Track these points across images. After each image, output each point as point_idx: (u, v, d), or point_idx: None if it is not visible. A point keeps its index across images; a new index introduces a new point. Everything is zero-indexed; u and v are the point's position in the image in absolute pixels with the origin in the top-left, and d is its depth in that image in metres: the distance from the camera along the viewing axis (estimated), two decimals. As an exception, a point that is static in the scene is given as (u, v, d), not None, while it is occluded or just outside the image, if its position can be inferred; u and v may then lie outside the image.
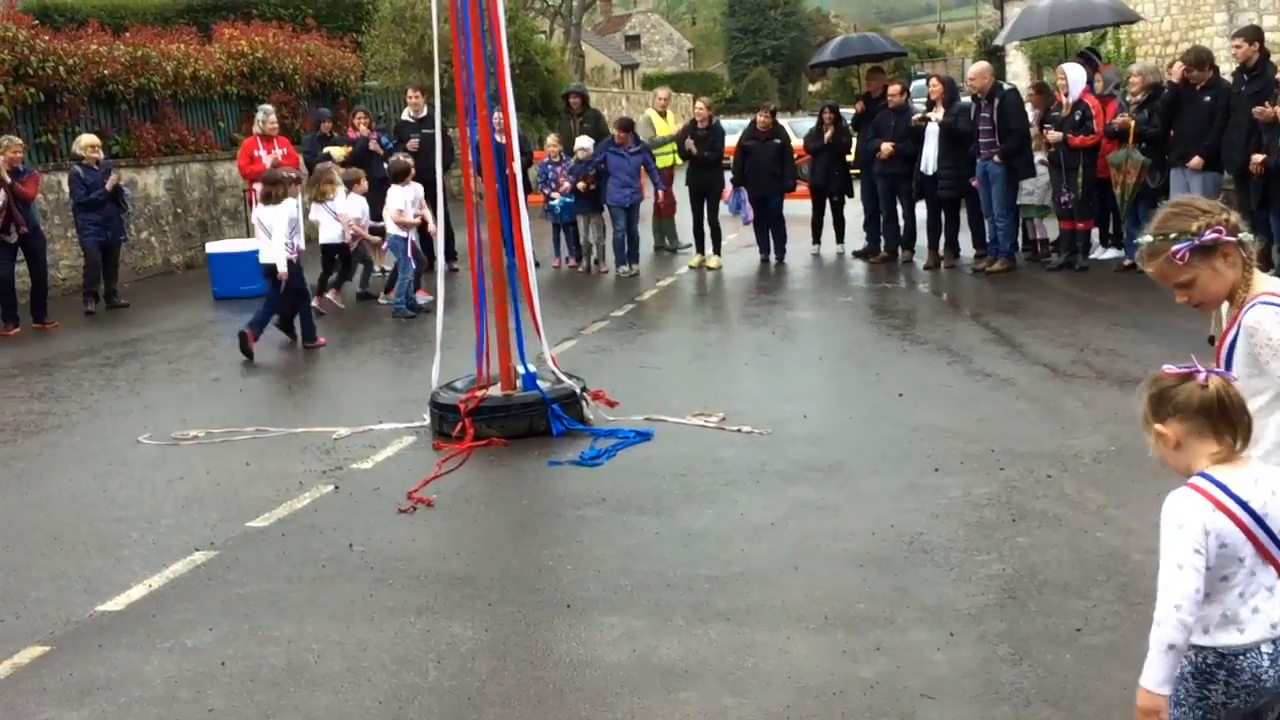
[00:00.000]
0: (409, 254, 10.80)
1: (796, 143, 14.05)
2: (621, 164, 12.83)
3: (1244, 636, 2.42)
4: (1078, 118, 11.15)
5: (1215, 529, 2.39)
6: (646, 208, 13.48)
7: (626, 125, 13.28)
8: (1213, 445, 2.44)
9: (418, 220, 10.97)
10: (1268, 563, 2.42)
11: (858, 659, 3.93)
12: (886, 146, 12.34)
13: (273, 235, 9.43)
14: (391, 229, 10.96)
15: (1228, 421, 2.42)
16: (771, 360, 8.59)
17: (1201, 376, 2.42)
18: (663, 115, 15.27)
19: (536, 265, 7.53)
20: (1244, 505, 2.39)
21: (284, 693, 3.90)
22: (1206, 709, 2.46)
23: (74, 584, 4.91)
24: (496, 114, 8.22)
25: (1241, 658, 2.42)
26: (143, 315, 11.75)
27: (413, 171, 11.24)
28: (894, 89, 12.76)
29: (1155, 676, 2.38)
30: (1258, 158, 9.66)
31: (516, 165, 6.99)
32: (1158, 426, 2.48)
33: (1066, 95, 11.38)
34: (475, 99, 6.84)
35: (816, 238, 13.80)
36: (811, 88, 61.45)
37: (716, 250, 13.38)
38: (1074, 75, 11.37)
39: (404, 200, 10.93)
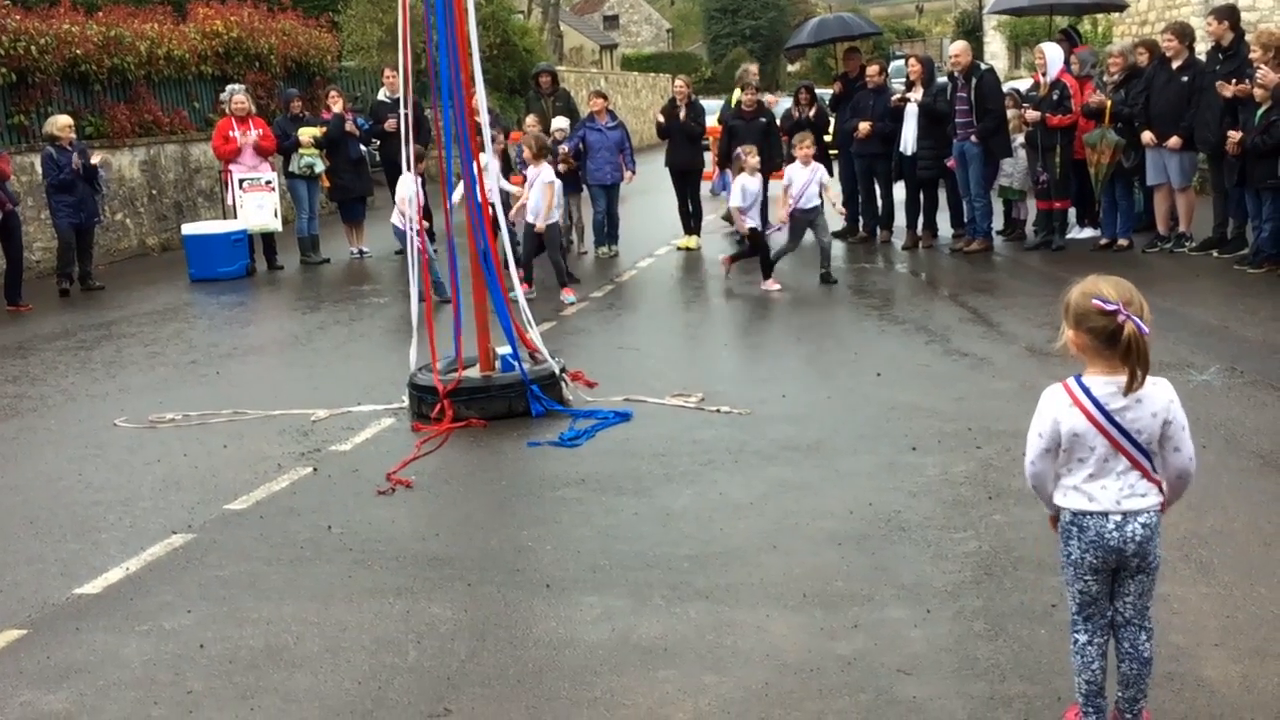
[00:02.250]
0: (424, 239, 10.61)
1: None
2: (600, 140, 12.79)
3: (1092, 505, 3.10)
4: (1055, 97, 11.18)
5: (1067, 421, 3.06)
6: (628, 188, 13.43)
7: (602, 94, 13.20)
8: (1102, 364, 3.00)
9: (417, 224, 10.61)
10: (1120, 454, 3.05)
11: (835, 636, 3.95)
12: (864, 126, 12.35)
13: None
14: (397, 219, 10.79)
15: (1126, 357, 2.94)
16: (750, 340, 8.61)
17: (1120, 318, 2.92)
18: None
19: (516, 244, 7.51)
20: (1099, 406, 3.01)
21: (263, 674, 3.90)
22: (1073, 563, 3.15)
23: (51, 567, 4.88)
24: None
25: (1089, 518, 3.10)
26: (118, 298, 11.66)
27: (422, 163, 11.05)
28: (873, 69, 12.75)
29: (1043, 507, 3.28)
30: (1234, 136, 9.71)
31: (488, 149, 6.95)
32: (1069, 331, 3.03)
33: (1044, 75, 11.41)
34: (455, 79, 6.80)
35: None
36: (791, 68, 61.33)
37: (696, 230, 13.37)
38: (1052, 55, 11.39)
39: (412, 189, 10.68)
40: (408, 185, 10.63)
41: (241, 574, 4.73)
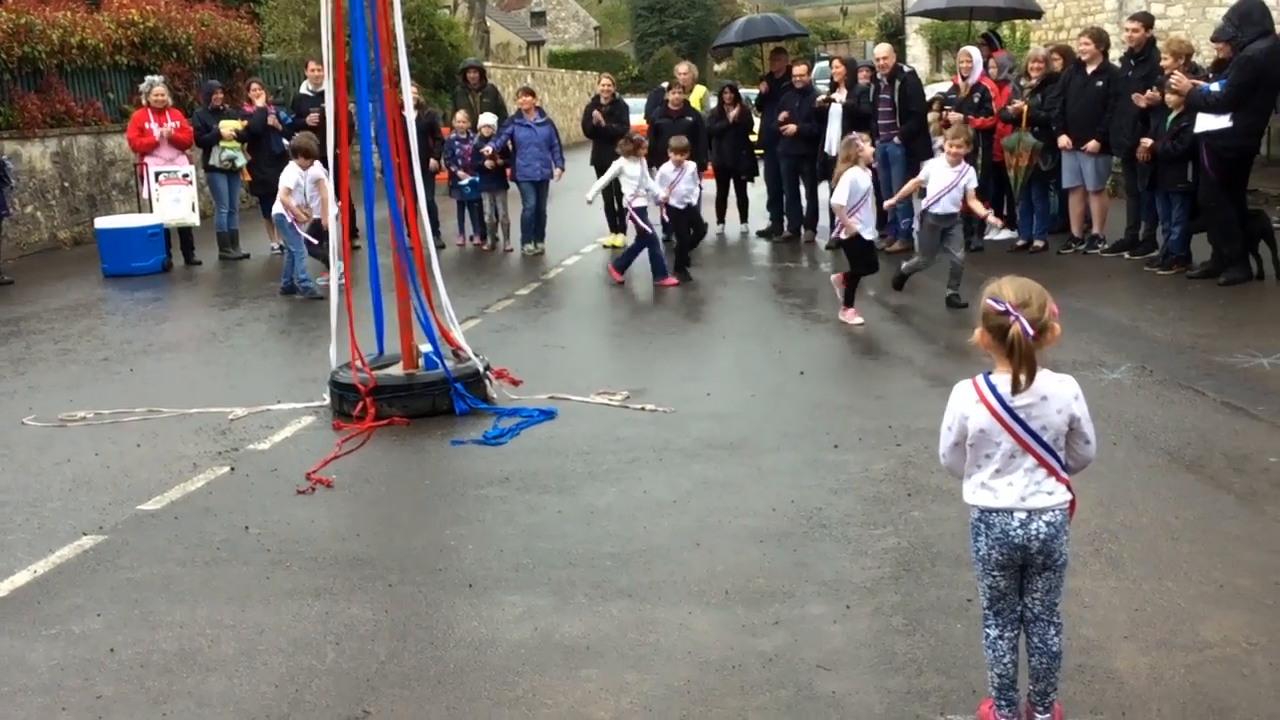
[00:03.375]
0: (300, 233, 10.48)
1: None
2: (530, 137, 12.74)
3: (997, 501, 3.16)
4: (976, 100, 11.38)
5: (973, 417, 3.14)
6: (555, 185, 13.38)
7: (531, 91, 13.19)
8: (1003, 361, 3.09)
9: (307, 214, 10.47)
10: (1026, 451, 3.11)
11: (757, 633, 3.98)
12: (790, 127, 12.44)
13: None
14: (279, 209, 10.64)
15: (1010, 356, 3.04)
16: (676, 339, 8.63)
17: (1010, 319, 3.02)
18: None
19: (441, 248, 7.44)
20: (1003, 403, 3.10)
21: (176, 678, 3.81)
22: (981, 559, 3.23)
23: (-47, 571, 4.73)
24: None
25: (994, 515, 3.17)
26: (27, 293, 11.34)
27: (314, 152, 10.90)
28: (800, 69, 12.86)
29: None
30: (1146, 142, 9.98)
31: (413, 142, 6.87)
32: (978, 329, 3.14)
33: (965, 78, 11.60)
34: (377, 73, 6.72)
35: (721, 217, 13.88)
36: (717, 68, 61.66)
37: (622, 229, 13.37)
38: (977, 58, 11.62)
39: (294, 180, 10.55)
40: (291, 175, 10.50)
41: (154, 576, 4.62)
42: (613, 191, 13.26)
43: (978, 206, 9.09)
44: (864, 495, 5.23)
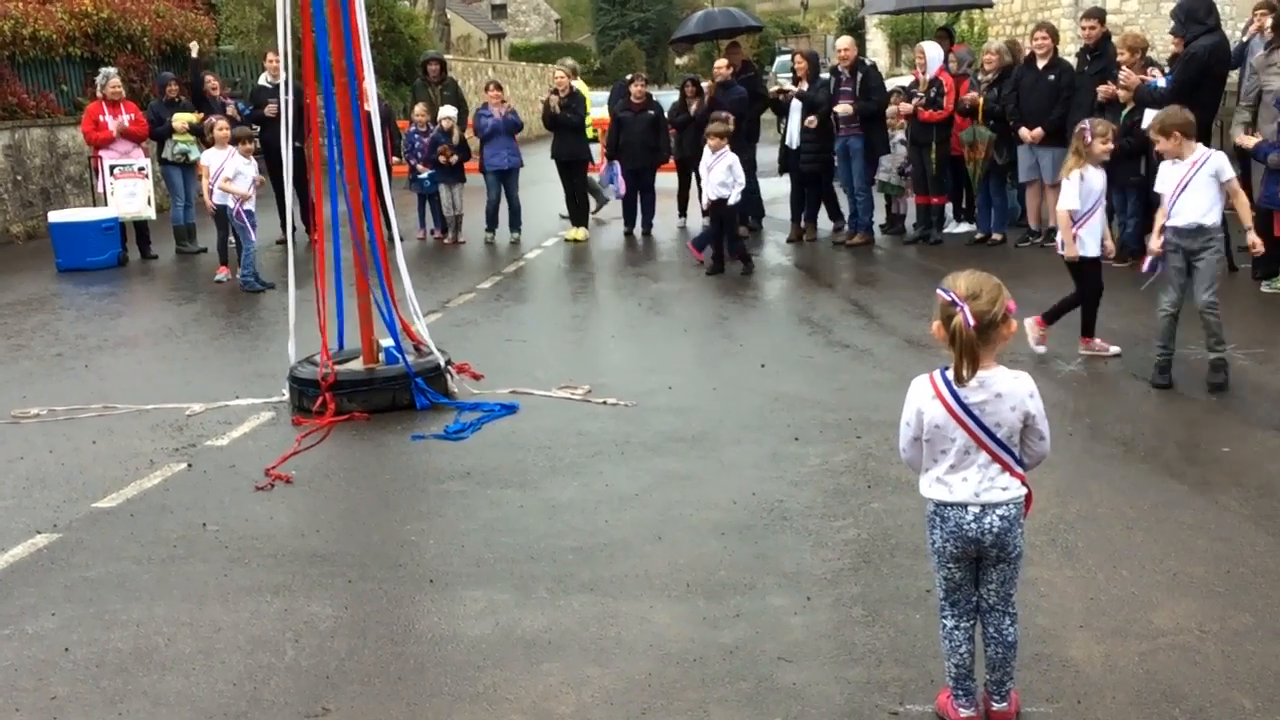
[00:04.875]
0: (248, 225, 10.41)
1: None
2: (496, 126, 12.74)
3: (951, 495, 3.19)
4: (932, 94, 11.46)
5: (929, 411, 3.17)
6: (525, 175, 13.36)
7: (499, 85, 13.19)
8: (954, 354, 3.10)
9: (249, 193, 10.45)
10: (980, 447, 3.14)
11: (718, 625, 4.00)
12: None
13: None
14: (221, 198, 10.56)
15: (954, 345, 3.07)
16: (637, 332, 8.64)
17: (956, 308, 3.05)
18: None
19: (401, 239, 7.40)
20: (958, 399, 3.12)
21: (131, 678, 3.77)
22: (937, 551, 3.26)
23: (-97, 571, 4.65)
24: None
25: (949, 509, 3.20)
26: (-21, 288, 11.15)
27: (253, 144, 10.80)
28: (720, 64, 12.73)
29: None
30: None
31: (377, 135, 6.83)
32: (934, 321, 3.16)
33: (924, 72, 11.67)
34: (339, 65, 6.66)
35: (682, 210, 13.88)
36: (679, 61, 61.64)
37: (584, 223, 13.36)
38: (932, 53, 11.68)
39: (235, 169, 10.48)
40: (215, 157, 10.41)
41: (110, 574, 4.57)
42: (573, 184, 13.25)
43: (1241, 212, 6.70)
44: (824, 487, 5.26)
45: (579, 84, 15.51)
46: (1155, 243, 6.69)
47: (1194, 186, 6.38)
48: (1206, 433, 5.82)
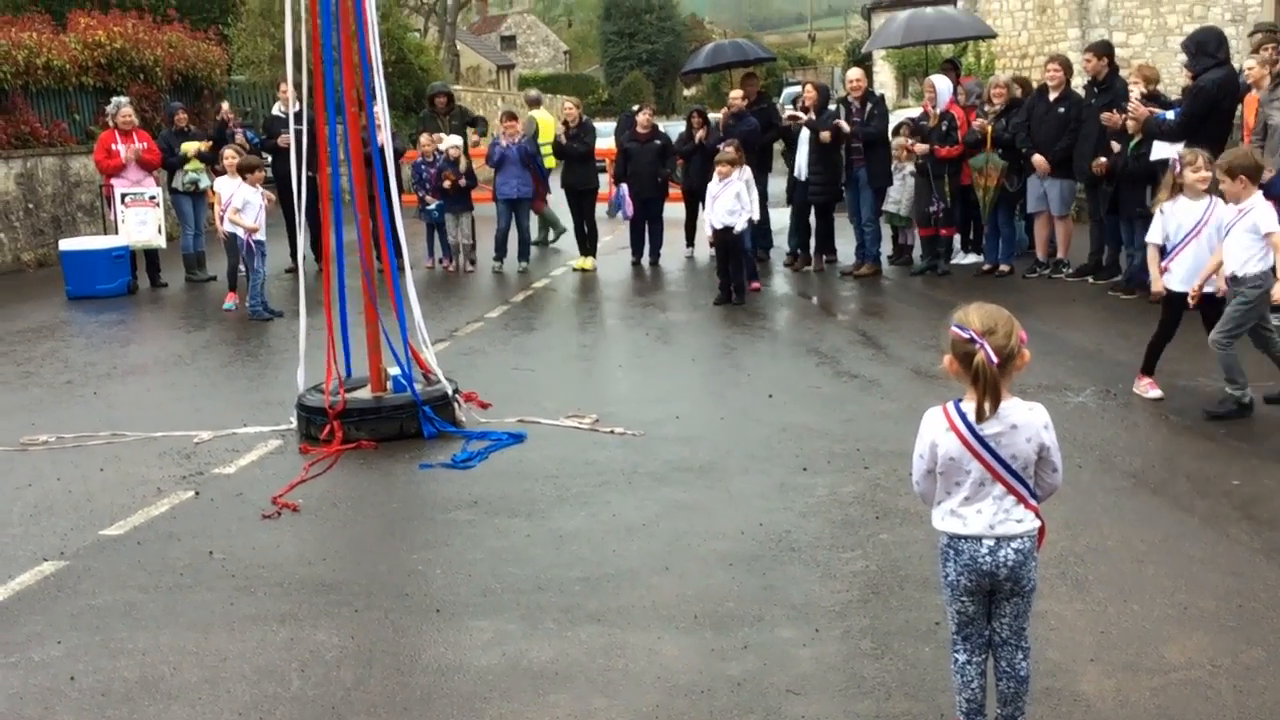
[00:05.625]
0: (258, 254, 10.45)
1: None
2: (507, 155, 12.85)
3: (965, 528, 3.17)
4: (944, 128, 11.50)
5: (943, 444, 3.16)
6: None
7: (513, 115, 13.28)
8: (970, 388, 3.10)
9: (256, 226, 10.51)
10: (995, 479, 3.12)
11: (726, 657, 3.97)
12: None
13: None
14: (230, 228, 10.62)
15: (979, 383, 3.05)
16: (644, 362, 8.64)
17: (976, 346, 3.03)
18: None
19: (410, 267, 7.42)
20: (973, 430, 3.11)
21: (137, 707, 3.76)
22: (950, 584, 3.23)
23: (-91, 598, 4.64)
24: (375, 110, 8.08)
25: (963, 542, 3.17)
26: (-10, 315, 11.20)
27: (262, 172, 10.85)
28: (735, 94, 12.88)
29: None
30: (1101, 160, 10.15)
31: (390, 165, 6.88)
32: (947, 355, 3.15)
33: (934, 106, 11.72)
34: (366, 95, 6.71)
35: (690, 240, 13.92)
36: (687, 92, 62.02)
37: (592, 252, 13.40)
38: (941, 87, 11.72)
39: (244, 199, 10.54)
40: (241, 194, 10.47)
41: (116, 602, 4.56)
42: (582, 213, 13.30)
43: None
44: (833, 518, 5.24)
45: (540, 113, 15.85)
46: (1159, 285, 6.73)
47: (1234, 234, 6.34)
48: (1217, 466, 5.79)
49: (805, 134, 12.18)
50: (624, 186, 13.26)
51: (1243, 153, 6.56)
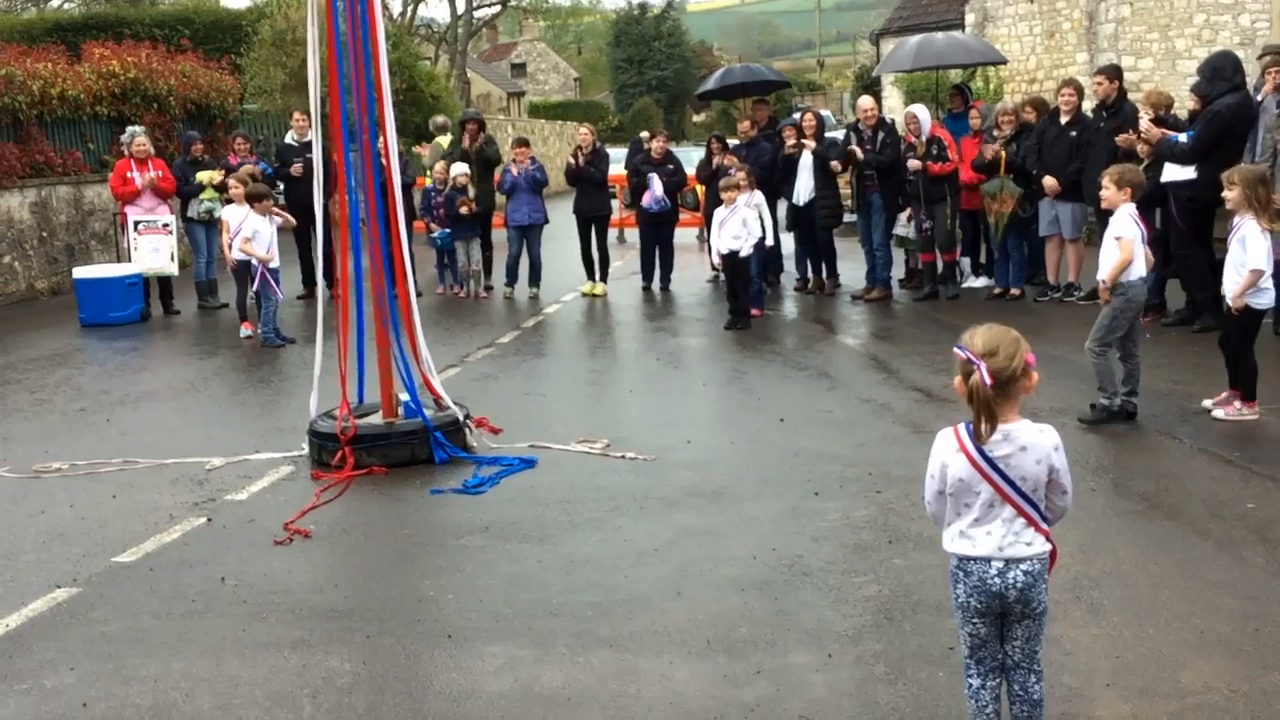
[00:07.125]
0: (271, 282, 10.50)
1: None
2: (518, 182, 12.91)
3: (975, 549, 3.17)
4: (934, 151, 11.57)
5: (953, 465, 3.17)
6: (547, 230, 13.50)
7: (525, 142, 13.36)
8: (973, 412, 3.11)
9: (267, 256, 10.58)
10: (1005, 501, 3.13)
11: (739, 683, 3.96)
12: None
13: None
14: (240, 256, 10.68)
15: (973, 405, 3.08)
16: (655, 387, 8.64)
17: (974, 366, 3.06)
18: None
19: (419, 294, 7.46)
20: (983, 453, 3.11)
21: (150, 734, 3.75)
22: (961, 606, 3.24)
23: (-77, 625, 4.65)
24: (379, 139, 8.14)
25: (972, 563, 3.18)
26: (3, 343, 11.26)
27: (270, 201, 10.91)
28: (744, 124, 13.01)
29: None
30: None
31: (398, 191, 6.92)
32: (956, 378, 3.15)
33: (918, 135, 11.77)
34: (365, 120, 6.76)
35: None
36: (696, 118, 62.28)
37: (603, 278, 13.43)
38: (922, 116, 11.98)
39: (253, 228, 10.59)
40: (252, 223, 10.52)
41: (128, 629, 4.56)
42: (593, 239, 13.34)
43: None
44: (845, 543, 5.23)
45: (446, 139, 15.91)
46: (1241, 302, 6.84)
47: (1105, 241, 6.98)
48: (1231, 489, 5.76)
49: (804, 160, 12.22)
50: (654, 177, 13.13)
51: (1130, 169, 7.23)
